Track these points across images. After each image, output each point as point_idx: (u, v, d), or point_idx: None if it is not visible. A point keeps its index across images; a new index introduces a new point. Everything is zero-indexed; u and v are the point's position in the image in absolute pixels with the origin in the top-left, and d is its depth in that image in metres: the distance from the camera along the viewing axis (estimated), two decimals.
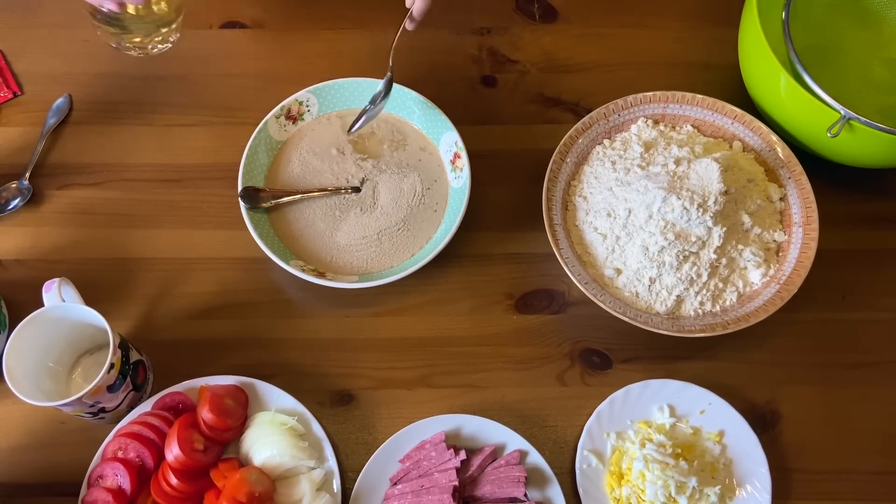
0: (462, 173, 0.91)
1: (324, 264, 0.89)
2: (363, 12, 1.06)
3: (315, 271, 0.87)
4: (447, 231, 0.87)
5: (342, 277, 0.87)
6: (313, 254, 0.89)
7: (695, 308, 0.84)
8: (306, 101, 0.94)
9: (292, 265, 0.85)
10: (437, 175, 0.94)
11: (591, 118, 0.91)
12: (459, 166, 0.91)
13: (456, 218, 0.87)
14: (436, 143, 0.95)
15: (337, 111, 0.96)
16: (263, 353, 0.86)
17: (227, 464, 0.78)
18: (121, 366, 0.76)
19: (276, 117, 0.93)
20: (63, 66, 1.02)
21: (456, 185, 0.92)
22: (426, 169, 0.94)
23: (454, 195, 0.92)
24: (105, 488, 0.75)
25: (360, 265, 0.89)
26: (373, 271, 0.89)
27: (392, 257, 0.89)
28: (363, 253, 0.90)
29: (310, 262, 0.89)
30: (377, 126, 0.96)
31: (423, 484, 0.77)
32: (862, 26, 0.98)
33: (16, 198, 0.93)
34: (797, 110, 0.87)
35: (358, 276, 0.88)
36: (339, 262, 0.89)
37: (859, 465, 0.82)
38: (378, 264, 0.89)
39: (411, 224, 0.91)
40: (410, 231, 0.91)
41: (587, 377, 0.86)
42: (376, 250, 0.90)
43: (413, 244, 0.90)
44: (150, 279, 0.90)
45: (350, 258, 0.89)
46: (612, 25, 1.05)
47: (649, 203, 0.82)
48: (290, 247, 0.89)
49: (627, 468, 0.79)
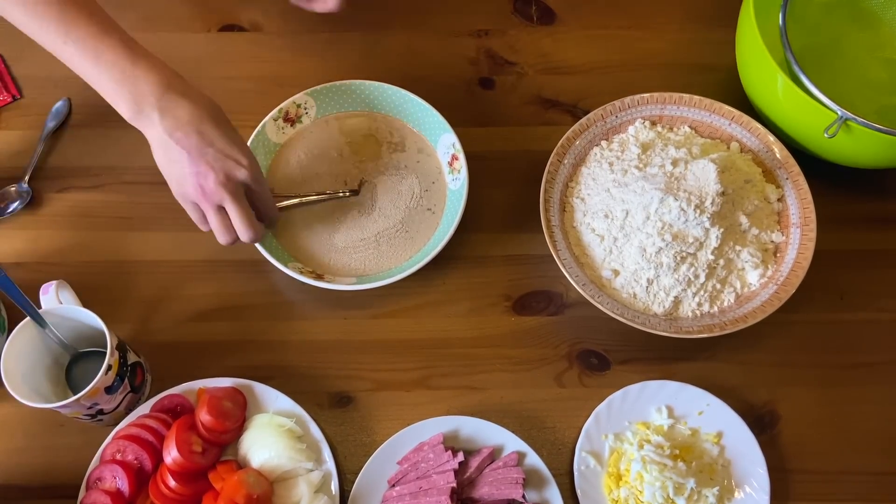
0: (460, 175, 0.91)
1: (322, 266, 0.89)
2: (361, 15, 1.06)
3: (313, 273, 0.87)
4: (445, 233, 0.87)
5: (340, 279, 0.87)
6: (311, 256, 0.90)
7: (692, 309, 0.84)
8: (304, 103, 0.95)
9: (290, 267, 0.85)
10: (435, 177, 0.94)
11: (588, 120, 0.91)
12: (457, 168, 0.91)
13: (454, 220, 0.87)
14: (434, 145, 0.95)
15: (335, 113, 0.96)
16: (261, 356, 0.86)
17: (225, 466, 0.78)
18: (118, 367, 0.76)
19: (273, 120, 0.93)
20: (62, 69, 1.00)
21: (454, 186, 0.92)
22: (424, 171, 0.94)
23: (452, 197, 0.92)
24: (103, 491, 0.75)
25: (358, 267, 0.89)
26: (371, 273, 0.89)
27: (390, 259, 0.90)
28: (361, 255, 0.90)
29: (308, 264, 0.89)
30: (376, 128, 0.96)
31: (422, 485, 0.77)
32: (859, 27, 0.98)
33: (15, 201, 0.93)
34: (794, 111, 0.87)
35: (356, 278, 0.88)
36: (338, 264, 0.89)
37: (858, 465, 0.82)
38: (376, 266, 0.89)
39: (409, 226, 0.91)
40: (409, 233, 0.91)
41: (585, 378, 0.86)
42: (374, 252, 0.90)
43: (411, 246, 0.90)
44: (149, 282, 0.90)
45: (348, 260, 0.90)
46: (609, 27, 1.06)
47: (647, 204, 0.82)
48: (287, 249, 0.90)
49: (626, 469, 0.79)
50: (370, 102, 0.96)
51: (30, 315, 0.76)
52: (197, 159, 0.73)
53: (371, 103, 0.96)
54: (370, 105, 0.96)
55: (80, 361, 0.83)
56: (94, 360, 0.82)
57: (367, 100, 0.96)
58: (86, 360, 0.83)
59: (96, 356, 0.82)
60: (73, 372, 0.83)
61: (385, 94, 0.95)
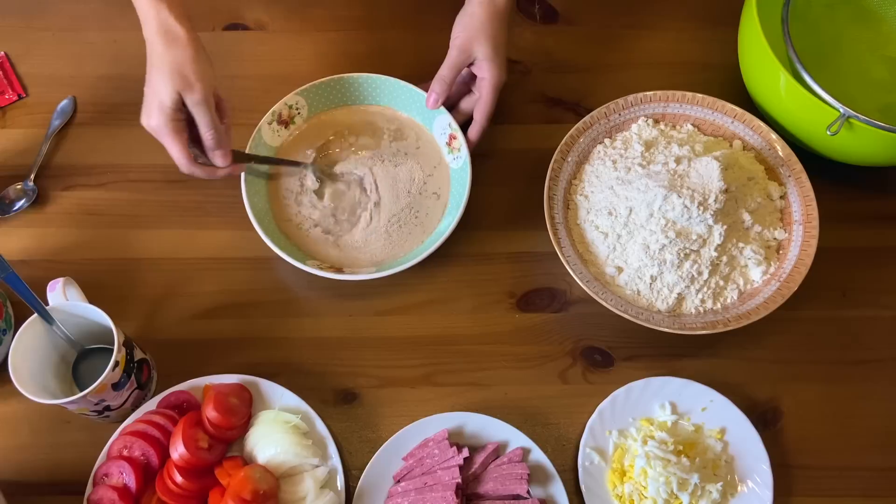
0: (461, 153, 0.91)
1: (339, 261, 0.89)
2: (364, 13, 1.06)
3: (332, 268, 0.87)
4: (454, 215, 0.87)
5: (359, 271, 0.87)
6: (327, 256, 0.90)
7: (696, 306, 0.84)
8: (295, 104, 0.94)
9: (309, 264, 0.85)
10: (437, 161, 0.94)
11: (591, 118, 0.91)
12: (456, 147, 0.91)
13: (461, 201, 0.87)
14: (429, 128, 0.95)
15: (327, 110, 0.97)
16: (267, 352, 0.87)
17: (231, 462, 0.78)
18: (125, 364, 0.77)
19: (268, 123, 0.93)
20: (67, 68, 1.03)
21: (455, 165, 0.92)
22: (424, 156, 0.94)
23: (455, 177, 0.92)
24: (111, 486, 0.75)
25: (373, 258, 0.90)
26: (388, 260, 0.89)
27: (404, 245, 0.90)
28: (374, 246, 0.90)
29: (326, 260, 0.89)
30: (375, 119, 0.96)
31: (427, 481, 0.77)
32: (861, 25, 0.98)
33: (21, 199, 0.94)
34: (797, 109, 0.87)
35: (374, 267, 0.88)
36: (353, 258, 0.90)
37: (860, 461, 0.83)
38: (391, 254, 0.90)
39: (418, 211, 0.91)
40: (417, 218, 0.91)
41: (589, 375, 0.86)
42: (385, 241, 0.90)
43: (421, 232, 0.91)
44: (154, 279, 0.90)
45: (361, 254, 0.90)
46: (612, 26, 1.06)
47: (650, 201, 0.83)
48: (302, 249, 0.90)
49: (630, 465, 0.80)
50: (360, 95, 0.96)
51: (37, 312, 0.77)
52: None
53: (361, 96, 0.96)
54: (361, 98, 0.96)
55: (87, 358, 0.83)
56: (101, 356, 0.83)
57: (357, 92, 0.96)
58: (92, 356, 0.83)
59: (103, 353, 0.83)
60: (80, 369, 0.83)
61: (374, 84, 0.95)
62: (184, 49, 0.80)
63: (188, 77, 0.79)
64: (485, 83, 0.89)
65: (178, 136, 0.82)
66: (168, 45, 0.80)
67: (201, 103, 0.81)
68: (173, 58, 0.79)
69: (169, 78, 0.79)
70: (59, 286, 0.79)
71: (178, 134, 0.82)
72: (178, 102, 0.80)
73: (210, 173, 0.86)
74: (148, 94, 0.81)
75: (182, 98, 0.80)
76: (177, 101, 0.80)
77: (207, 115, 0.82)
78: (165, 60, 0.79)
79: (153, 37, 0.80)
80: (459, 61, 0.89)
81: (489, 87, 0.88)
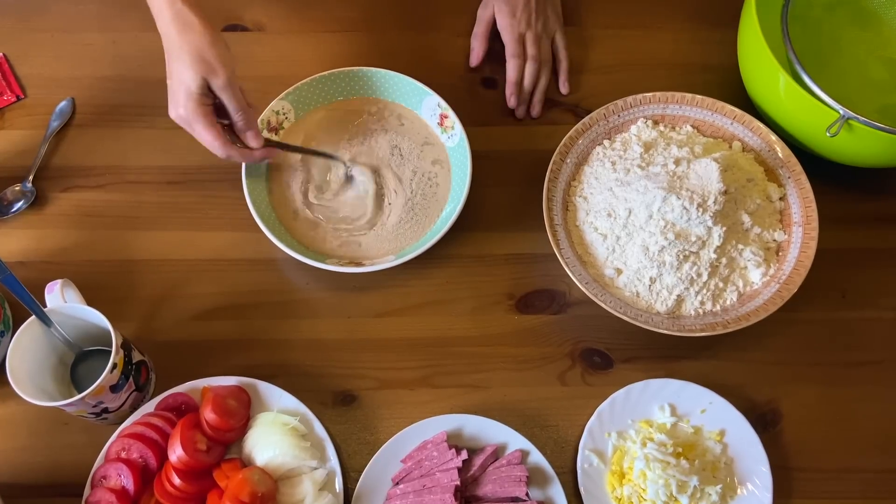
0: (455, 131, 0.91)
1: (352, 256, 0.89)
2: (363, 15, 1.06)
3: (352, 262, 0.87)
4: (461, 186, 0.88)
5: (379, 261, 0.87)
6: (335, 250, 0.90)
7: (695, 307, 0.84)
8: (281, 109, 0.94)
9: (329, 263, 0.86)
10: (425, 137, 0.95)
11: (590, 119, 0.91)
12: (449, 125, 0.92)
13: (465, 174, 0.88)
14: (416, 110, 0.95)
15: (312, 109, 0.96)
16: (266, 354, 0.87)
17: (229, 464, 0.78)
18: (123, 366, 0.77)
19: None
20: (66, 69, 1.02)
21: (451, 143, 0.92)
22: (411, 132, 0.95)
23: (454, 154, 0.92)
24: (109, 489, 0.75)
25: (394, 246, 0.90)
26: (408, 245, 0.89)
27: (407, 238, 0.90)
28: (385, 237, 0.91)
29: (333, 255, 0.89)
30: (363, 109, 0.97)
31: (425, 483, 0.77)
32: (861, 26, 0.98)
33: (19, 200, 0.93)
34: (796, 110, 0.87)
35: (394, 256, 0.88)
36: (366, 251, 0.90)
37: (860, 463, 0.83)
38: (398, 245, 0.90)
39: (424, 196, 0.92)
40: (425, 198, 0.92)
41: (588, 377, 0.86)
42: (410, 219, 0.91)
43: (436, 205, 0.91)
44: (153, 281, 0.90)
45: (374, 247, 0.90)
46: (611, 27, 1.06)
47: (649, 203, 0.83)
48: (310, 246, 0.90)
49: (629, 467, 0.80)
50: (345, 89, 0.96)
51: (35, 313, 0.77)
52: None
53: (347, 89, 0.96)
54: (346, 92, 0.97)
55: (85, 360, 0.83)
56: (99, 358, 0.83)
57: (342, 87, 0.96)
58: (90, 358, 0.83)
59: (101, 355, 0.83)
60: (78, 370, 0.83)
61: (358, 76, 0.95)
62: (200, 35, 0.79)
63: (210, 62, 0.79)
64: (506, 32, 0.99)
65: (209, 120, 0.81)
66: (183, 31, 0.79)
67: (228, 86, 0.80)
68: (191, 44, 0.78)
69: (191, 64, 0.78)
70: (58, 288, 0.79)
71: (209, 118, 0.81)
72: (205, 87, 0.79)
73: (247, 156, 0.85)
74: (172, 85, 0.81)
75: (207, 83, 0.79)
76: (202, 85, 0.79)
77: (235, 96, 0.81)
78: (184, 48, 0.78)
79: (168, 27, 0.79)
80: (486, 16, 1.01)
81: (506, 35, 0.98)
